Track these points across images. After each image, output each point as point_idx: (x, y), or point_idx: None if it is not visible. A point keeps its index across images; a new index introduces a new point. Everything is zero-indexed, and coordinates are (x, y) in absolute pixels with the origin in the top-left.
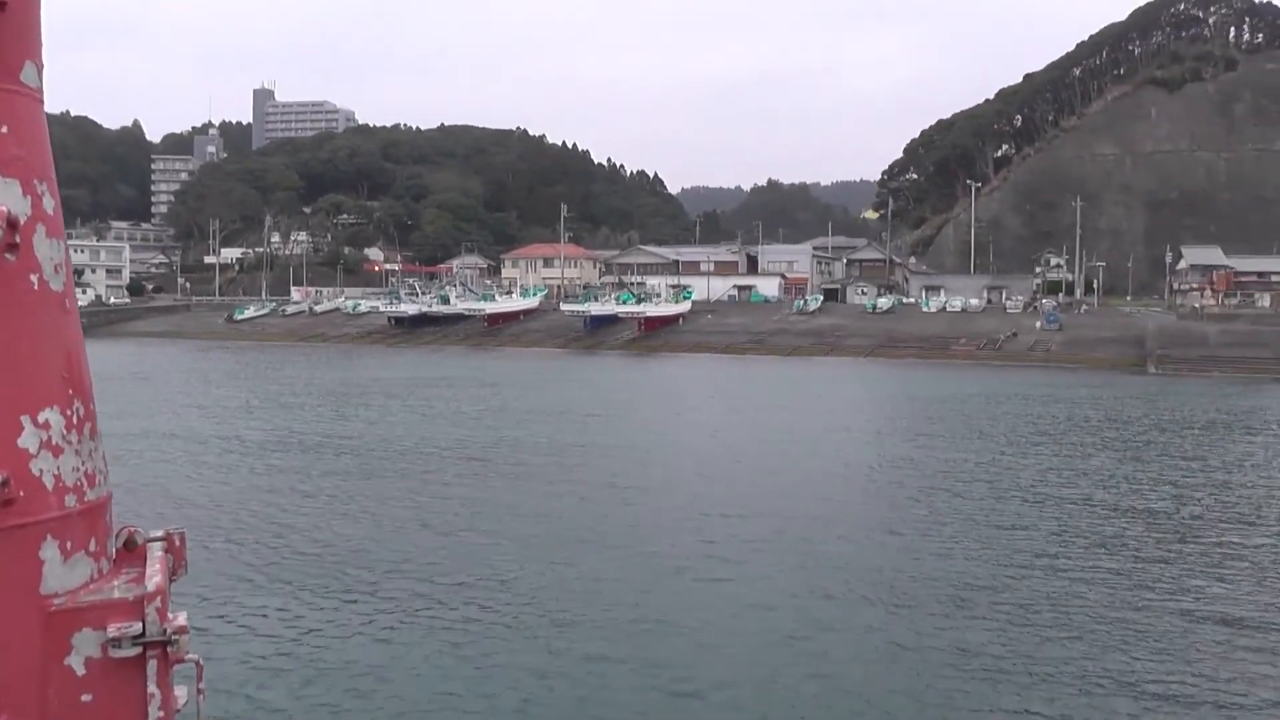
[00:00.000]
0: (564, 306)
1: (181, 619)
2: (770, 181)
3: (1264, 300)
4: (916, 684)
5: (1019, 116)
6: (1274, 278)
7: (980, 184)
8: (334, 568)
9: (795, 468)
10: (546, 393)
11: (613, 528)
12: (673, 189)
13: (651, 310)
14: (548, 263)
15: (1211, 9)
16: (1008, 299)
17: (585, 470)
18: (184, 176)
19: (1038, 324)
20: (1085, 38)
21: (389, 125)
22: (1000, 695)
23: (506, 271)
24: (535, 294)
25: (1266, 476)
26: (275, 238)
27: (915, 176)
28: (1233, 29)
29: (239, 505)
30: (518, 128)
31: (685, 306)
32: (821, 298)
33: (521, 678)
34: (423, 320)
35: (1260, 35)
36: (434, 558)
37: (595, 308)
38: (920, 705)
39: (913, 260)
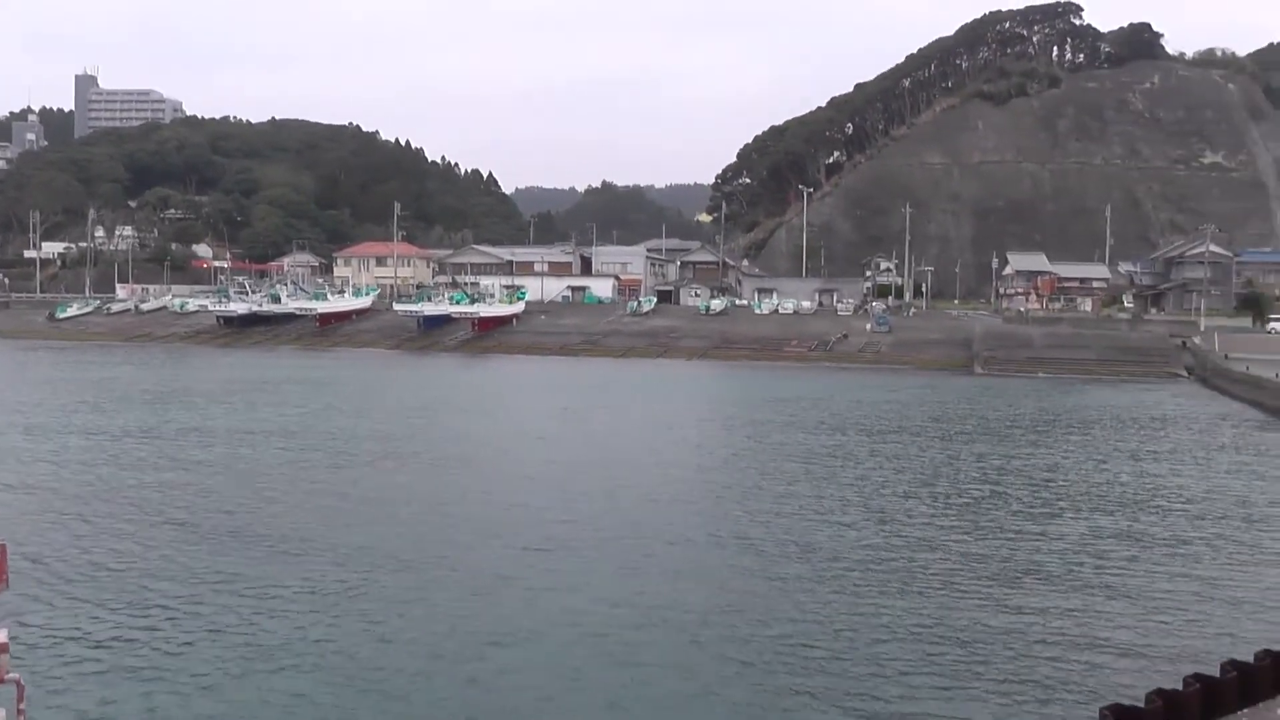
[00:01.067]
0: (397, 306)
1: (2, 636)
2: (605, 183)
3: (1085, 305)
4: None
5: (850, 125)
6: (1095, 283)
7: (812, 189)
8: (156, 576)
9: (619, 469)
10: (375, 394)
11: (432, 534)
12: (507, 189)
13: (485, 311)
14: (381, 261)
15: (1036, 28)
16: (839, 302)
17: (406, 474)
18: (1, 165)
19: (868, 326)
20: (915, 50)
21: (218, 117)
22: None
23: (339, 270)
24: (368, 293)
25: (1083, 472)
26: (99, 232)
27: (749, 181)
28: (1055, 48)
29: (61, 515)
30: (351, 123)
31: (519, 307)
32: (655, 299)
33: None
34: (253, 320)
35: (1081, 55)
36: (248, 567)
37: (429, 308)
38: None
39: (746, 263)
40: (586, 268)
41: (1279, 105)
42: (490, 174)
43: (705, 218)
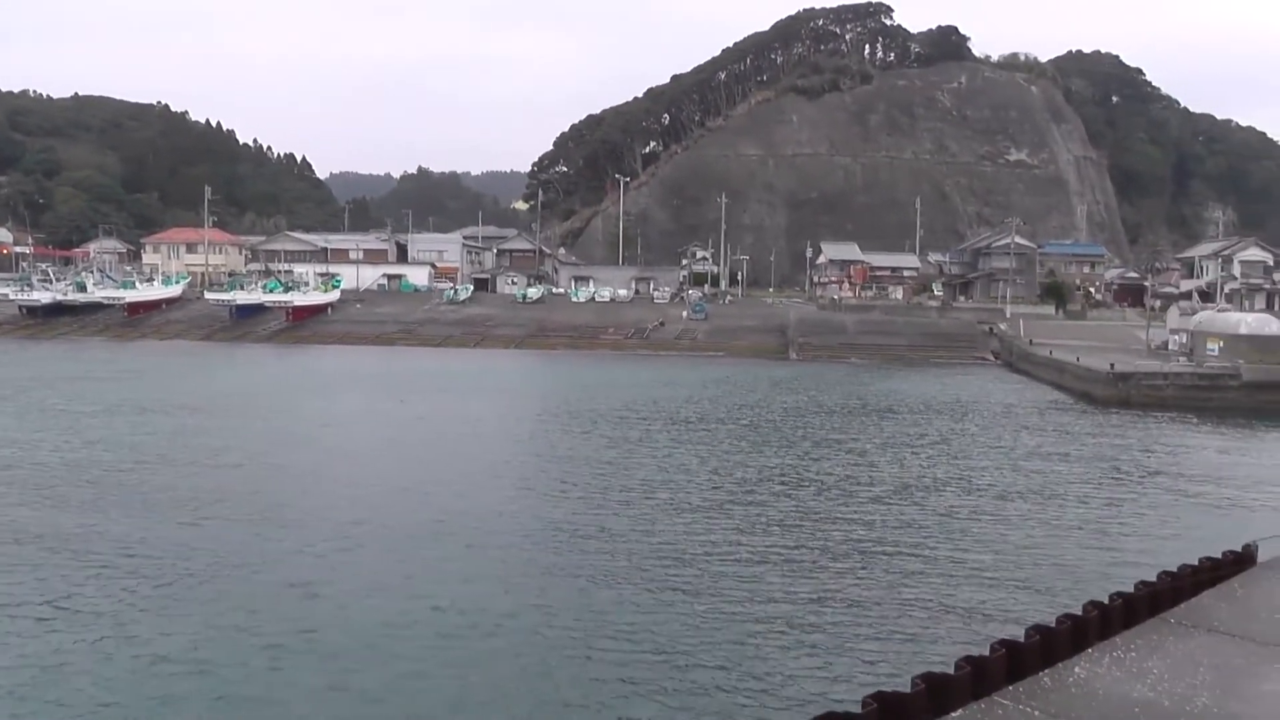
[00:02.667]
0: (209, 295)
1: None
2: (421, 169)
3: (896, 293)
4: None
5: (667, 115)
6: (906, 272)
7: (629, 179)
8: None
9: (423, 466)
10: (174, 390)
11: (224, 536)
12: (321, 174)
13: (300, 299)
14: (191, 248)
15: (848, 27)
16: (655, 290)
17: (203, 475)
18: None
19: (684, 314)
20: (730, 44)
21: (16, 91)
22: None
23: (148, 257)
24: (178, 282)
25: (892, 454)
26: None
27: (566, 169)
28: (867, 47)
29: None
30: (159, 102)
31: (334, 295)
32: (472, 287)
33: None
34: (58, 309)
35: (892, 54)
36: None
37: (241, 296)
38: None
39: (562, 251)
40: (403, 255)
41: (1078, 109)
42: (304, 158)
43: (522, 205)
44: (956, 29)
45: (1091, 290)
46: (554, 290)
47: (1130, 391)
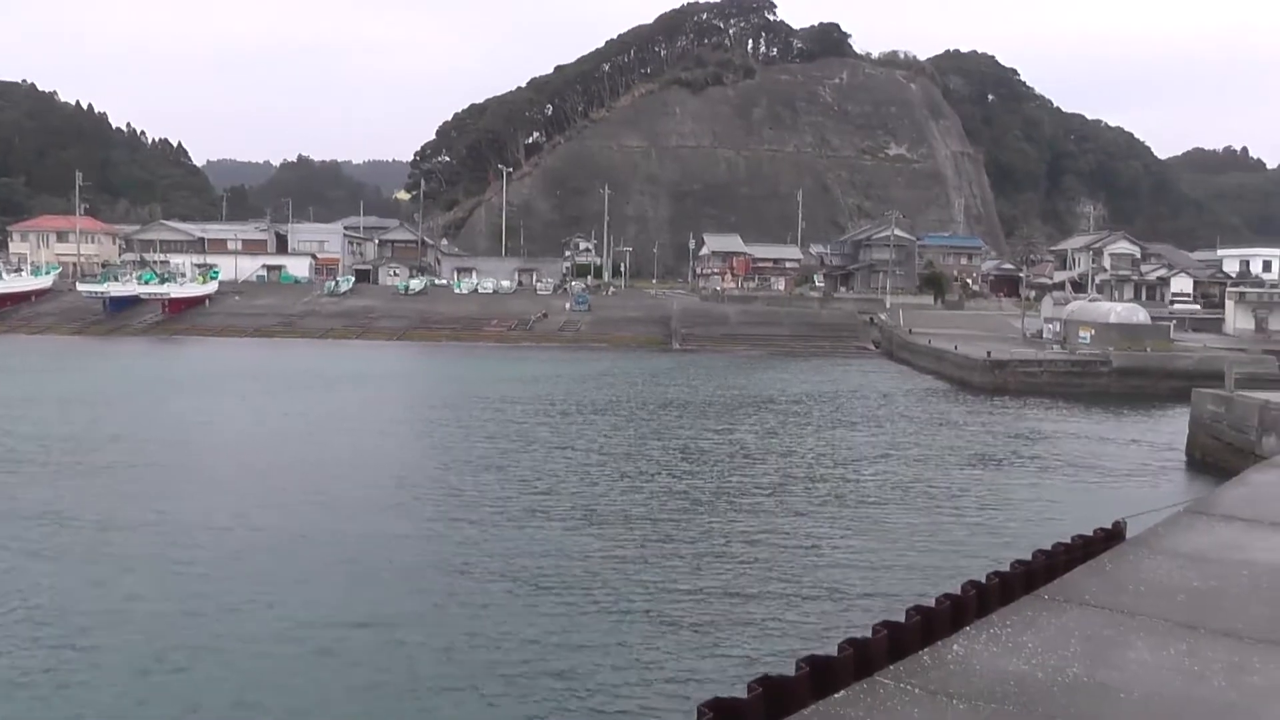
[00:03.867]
0: (81, 287)
1: None
2: (301, 157)
3: (778, 284)
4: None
5: (550, 106)
6: (788, 264)
7: (512, 169)
8: None
9: (291, 466)
10: (45, 384)
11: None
12: (198, 160)
13: (176, 291)
14: (62, 237)
15: (732, 22)
16: (539, 281)
17: (65, 478)
18: None
19: (567, 305)
20: (614, 36)
21: None
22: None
23: (15, 246)
24: (48, 273)
25: (770, 443)
26: None
27: (448, 159)
28: (750, 41)
29: None
30: (24, 81)
31: (212, 287)
32: (353, 279)
33: None
34: None
35: (775, 50)
36: None
37: (115, 288)
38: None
39: (445, 242)
40: (282, 246)
41: (956, 106)
42: (180, 144)
43: (404, 195)
44: (838, 26)
45: (969, 281)
46: (437, 282)
47: (1006, 378)
